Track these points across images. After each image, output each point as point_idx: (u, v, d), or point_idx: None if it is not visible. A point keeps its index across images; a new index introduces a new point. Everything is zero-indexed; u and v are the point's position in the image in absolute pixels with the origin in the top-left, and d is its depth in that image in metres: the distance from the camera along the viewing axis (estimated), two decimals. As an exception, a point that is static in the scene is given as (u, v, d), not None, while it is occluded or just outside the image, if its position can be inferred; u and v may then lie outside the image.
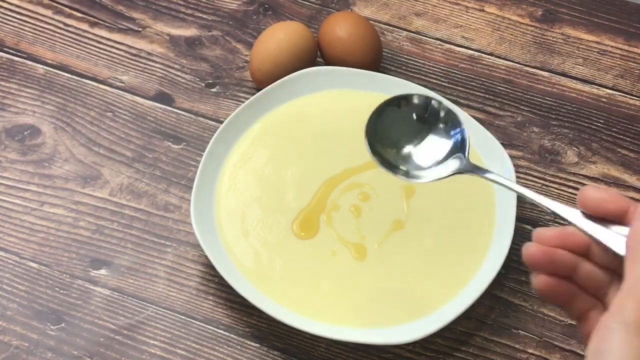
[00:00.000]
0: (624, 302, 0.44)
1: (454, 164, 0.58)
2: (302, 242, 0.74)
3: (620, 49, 0.89)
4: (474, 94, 0.85)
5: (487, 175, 0.56)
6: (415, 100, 0.60)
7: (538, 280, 0.49)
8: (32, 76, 0.84)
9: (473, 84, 0.86)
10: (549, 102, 0.85)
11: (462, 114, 0.59)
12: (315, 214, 0.75)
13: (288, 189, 0.76)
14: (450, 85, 0.86)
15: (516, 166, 0.79)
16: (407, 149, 0.60)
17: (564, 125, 0.84)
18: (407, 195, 0.76)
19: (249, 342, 0.71)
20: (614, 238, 0.49)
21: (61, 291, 0.73)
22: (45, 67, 0.85)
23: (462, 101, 0.84)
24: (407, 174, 0.59)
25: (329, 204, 0.75)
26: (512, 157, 0.78)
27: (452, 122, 0.59)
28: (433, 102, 0.60)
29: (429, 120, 0.60)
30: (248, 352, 0.70)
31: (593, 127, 0.84)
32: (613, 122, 0.84)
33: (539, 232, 0.50)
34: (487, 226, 0.74)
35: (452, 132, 0.59)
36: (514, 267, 0.74)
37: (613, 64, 0.88)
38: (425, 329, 0.69)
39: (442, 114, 0.59)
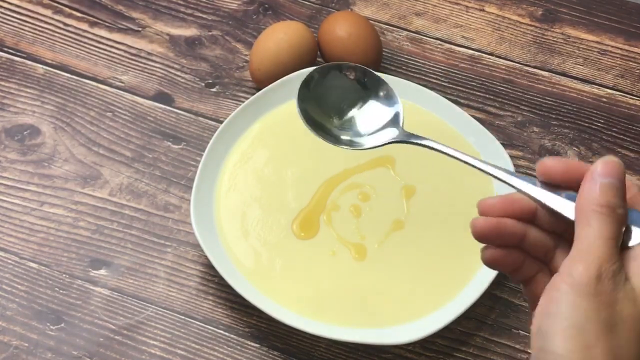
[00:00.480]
0: (573, 263, 0.44)
1: (391, 132, 0.58)
2: (302, 242, 0.74)
3: (621, 49, 0.89)
4: (474, 93, 0.85)
5: (425, 142, 0.55)
6: (349, 71, 0.60)
7: (487, 254, 0.49)
8: (31, 76, 0.84)
9: (473, 83, 0.86)
10: (549, 102, 0.85)
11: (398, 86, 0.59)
12: (315, 214, 0.75)
13: (288, 189, 0.76)
14: (451, 85, 0.86)
15: (516, 166, 0.79)
16: (345, 116, 0.59)
17: (564, 125, 0.84)
18: (407, 195, 0.76)
19: (249, 342, 0.71)
20: (564, 203, 0.48)
21: (61, 291, 0.73)
22: (45, 67, 0.85)
23: (462, 101, 0.84)
24: (342, 141, 0.58)
25: (329, 204, 0.75)
26: (512, 157, 0.78)
27: (390, 95, 0.59)
28: (368, 73, 0.60)
29: (366, 90, 0.60)
30: (248, 352, 0.70)
31: (593, 127, 0.84)
32: (613, 122, 0.84)
33: (483, 203, 0.49)
34: (487, 226, 0.74)
35: (389, 104, 0.59)
36: (514, 267, 0.74)
37: (613, 64, 0.88)
38: (425, 329, 0.69)
39: (379, 86, 0.60)
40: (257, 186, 0.76)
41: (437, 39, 0.89)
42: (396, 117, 0.59)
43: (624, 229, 0.45)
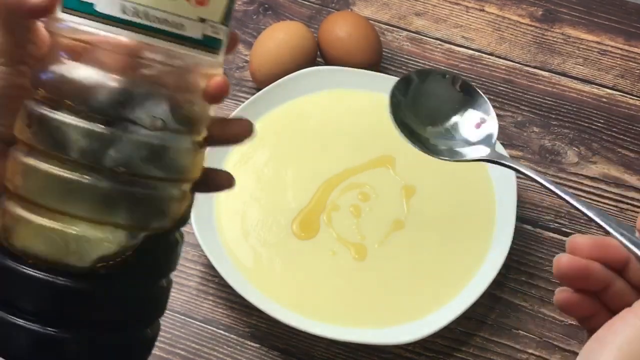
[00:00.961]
0: None
1: (483, 150, 0.55)
2: (302, 242, 0.74)
3: (621, 49, 0.89)
4: (474, 94, 0.85)
5: (519, 168, 0.53)
6: (452, 79, 0.58)
7: (562, 296, 0.46)
8: (32, 76, 0.84)
9: (473, 83, 0.86)
10: (549, 102, 0.85)
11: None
12: (315, 214, 0.75)
13: (288, 189, 0.76)
14: (451, 85, 0.86)
15: (516, 166, 0.79)
16: (439, 124, 0.57)
17: (564, 125, 0.84)
18: (407, 195, 0.76)
19: (249, 342, 0.71)
20: None
21: (61, 291, 0.72)
22: (45, 67, 0.85)
23: (462, 101, 0.84)
24: (430, 149, 0.56)
25: (329, 204, 0.75)
26: (512, 157, 0.78)
27: (485, 110, 0.57)
28: (465, 82, 0.57)
29: (463, 101, 0.57)
30: (248, 352, 0.70)
31: (593, 127, 0.84)
32: (613, 122, 0.84)
33: (574, 241, 0.46)
34: (487, 226, 0.74)
35: (484, 119, 0.57)
36: (514, 267, 0.74)
37: (613, 64, 0.88)
38: (425, 329, 0.69)
39: (475, 98, 0.57)
40: (257, 186, 0.76)
41: (437, 39, 0.89)
42: (490, 135, 0.56)
43: None
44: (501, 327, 0.72)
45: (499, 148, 0.76)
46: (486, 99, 0.58)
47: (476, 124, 0.56)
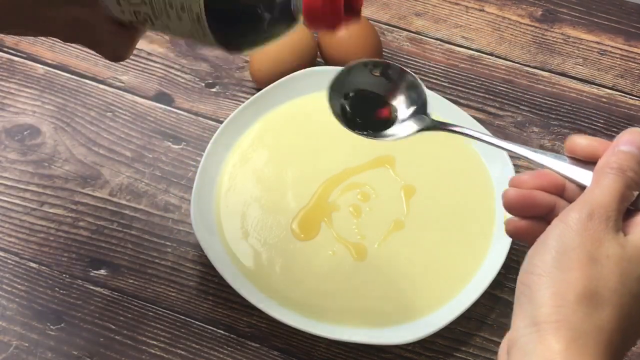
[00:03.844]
0: (570, 208, 0.47)
1: (418, 122, 0.58)
2: (302, 242, 0.74)
3: (620, 49, 0.89)
4: (474, 94, 0.85)
5: (453, 128, 0.57)
6: (375, 66, 0.60)
7: (510, 224, 0.51)
8: (32, 76, 0.84)
9: (473, 84, 0.86)
10: (549, 102, 0.85)
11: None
12: (315, 214, 0.75)
13: (288, 189, 0.76)
14: (450, 85, 0.86)
15: (516, 166, 0.79)
16: (371, 110, 0.60)
17: (564, 125, 0.84)
18: (407, 195, 0.76)
19: (249, 342, 0.71)
20: (588, 175, 0.50)
21: (61, 291, 0.73)
22: (45, 67, 0.85)
23: (462, 101, 0.84)
24: (370, 134, 0.59)
25: (329, 204, 0.75)
26: (512, 157, 0.78)
27: (414, 85, 0.59)
28: (392, 66, 0.60)
29: (390, 83, 0.60)
30: (248, 352, 0.70)
31: (593, 127, 0.84)
32: (613, 122, 0.84)
33: (516, 177, 0.51)
34: (487, 226, 0.74)
35: (413, 95, 0.59)
36: (514, 267, 0.74)
37: (613, 64, 0.88)
38: (425, 329, 0.69)
39: (402, 78, 0.60)
40: (257, 186, 0.76)
41: (437, 39, 0.89)
42: (423, 106, 0.59)
43: (636, 193, 0.48)
44: (501, 327, 0.72)
45: (496, 150, 0.76)
46: (411, 73, 0.60)
47: (406, 101, 0.59)
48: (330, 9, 0.51)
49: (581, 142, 0.50)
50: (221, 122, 0.80)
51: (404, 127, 0.59)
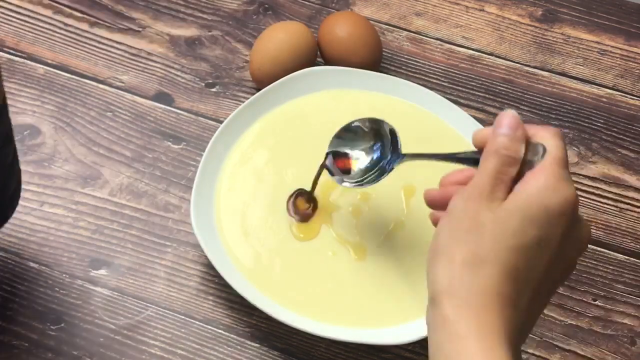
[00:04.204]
0: (455, 196, 0.54)
1: (387, 160, 0.69)
2: (302, 242, 0.74)
3: (621, 49, 0.89)
4: (474, 94, 0.85)
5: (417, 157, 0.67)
6: (353, 125, 0.70)
7: (433, 218, 0.59)
8: (32, 76, 0.84)
9: (473, 83, 0.86)
10: (549, 102, 0.85)
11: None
12: (316, 214, 0.75)
13: (288, 189, 0.76)
14: (450, 85, 0.86)
15: (516, 166, 0.79)
16: (353, 162, 0.70)
17: (564, 125, 0.84)
18: (407, 195, 0.76)
19: (249, 342, 0.71)
20: None
21: (61, 291, 0.73)
22: (45, 67, 0.85)
23: (462, 101, 0.84)
24: (351, 183, 0.69)
25: (329, 204, 0.75)
26: (512, 157, 0.78)
27: (376, 135, 0.69)
28: (356, 123, 0.70)
29: (356, 136, 0.70)
30: (248, 352, 0.70)
31: (593, 127, 0.84)
32: (613, 122, 0.84)
33: (442, 179, 0.60)
34: (487, 226, 0.74)
35: (374, 143, 0.70)
36: (514, 267, 0.74)
37: (613, 64, 0.88)
38: (425, 329, 0.69)
39: (366, 130, 0.70)
40: (257, 186, 0.76)
41: (437, 39, 0.89)
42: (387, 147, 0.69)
43: (516, 165, 0.53)
44: (501, 327, 0.72)
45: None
46: (381, 120, 0.69)
47: (370, 149, 0.70)
48: None
49: (477, 134, 0.57)
50: (221, 122, 0.80)
51: (364, 172, 0.69)
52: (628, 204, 0.80)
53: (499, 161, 0.53)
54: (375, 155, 0.69)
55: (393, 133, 0.68)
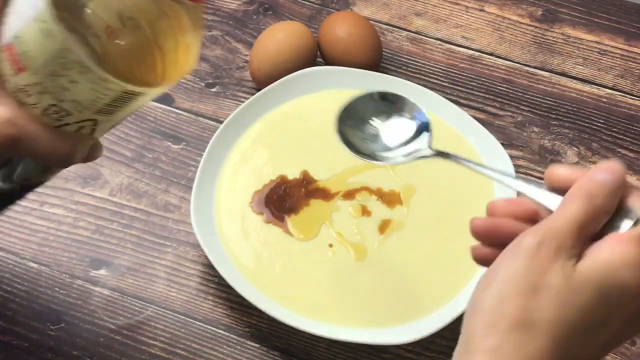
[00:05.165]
0: (522, 236, 0.46)
1: (417, 147, 0.60)
2: (302, 242, 0.74)
3: (621, 49, 0.89)
4: (474, 93, 0.85)
5: (452, 159, 0.58)
6: (380, 95, 0.62)
7: (476, 252, 0.50)
8: (32, 76, 0.84)
9: (473, 84, 0.86)
10: (549, 102, 0.85)
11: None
12: (315, 214, 0.75)
13: (288, 189, 0.76)
14: (451, 85, 0.86)
15: (516, 166, 0.79)
16: (373, 134, 0.61)
17: (564, 125, 0.84)
18: (407, 195, 0.76)
19: (249, 342, 0.71)
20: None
21: (61, 291, 0.73)
22: (45, 67, 0.85)
23: (462, 101, 0.84)
24: (372, 157, 0.60)
25: (329, 204, 0.75)
26: (512, 157, 0.78)
27: (417, 112, 0.61)
28: (395, 95, 0.61)
29: (394, 110, 0.61)
30: (248, 352, 0.70)
31: (593, 127, 0.84)
32: (613, 122, 0.84)
33: (491, 205, 0.51)
34: (487, 226, 0.74)
35: (416, 120, 0.61)
36: (514, 267, 0.74)
37: (613, 64, 0.88)
38: (425, 329, 0.69)
39: (406, 105, 0.61)
40: (257, 186, 0.76)
41: (437, 39, 0.89)
42: (422, 133, 0.60)
43: (603, 221, 0.46)
44: (501, 327, 0.72)
45: (496, 150, 0.76)
46: (409, 100, 0.61)
47: (405, 127, 0.61)
48: None
49: (560, 172, 0.49)
50: (221, 122, 0.80)
51: (400, 151, 0.60)
52: (628, 204, 0.80)
53: (590, 210, 0.46)
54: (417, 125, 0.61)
55: (427, 123, 0.61)
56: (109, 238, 0.75)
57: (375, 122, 0.61)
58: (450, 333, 0.71)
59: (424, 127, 0.60)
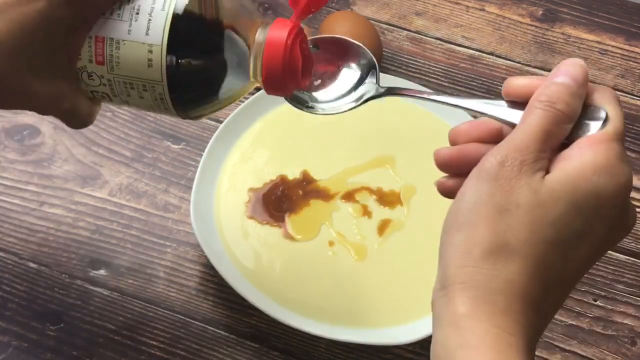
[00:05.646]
0: (484, 158, 0.44)
1: (365, 89, 0.58)
2: (302, 242, 0.73)
3: (621, 49, 0.89)
4: (475, 93, 0.85)
5: (403, 93, 0.56)
6: (324, 41, 0.60)
7: (442, 186, 0.48)
8: (31, 76, 0.84)
9: (473, 83, 0.86)
10: (550, 102, 0.85)
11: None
12: (315, 214, 0.75)
13: (288, 189, 0.76)
14: (451, 85, 0.86)
15: (516, 166, 0.79)
16: (319, 85, 0.59)
17: (565, 125, 0.84)
18: (407, 195, 0.76)
19: (249, 342, 0.71)
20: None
21: (60, 291, 0.72)
22: (44, 67, 0.85)
23: (462, 101, 0.84)
24: (319, 109, 0.59)
25: (329, 204, 0.75)
26: (512, 157, 0.78)
27: (362, 55, 0.59)
28: (340, 39, 0.60)
29: (338, 57, 0.60)
30: (248, 352, 0.70)
31: (593, 127, 0.84)
32: (613, 122, 0.84)
33: (452, 132, 0.48)
34: (487, 226, 0.74)
35: (360, 63, 0.59)
36: (514, 267, 0.74)
37: (614, 64, 0.88)
38: (425, 329, 0.69)
39: (351, 50, 0.60)
40: (257, 186, 0.76)
41: (437, 38, 0.89)
42: (365, 76, 0.59)
43: (568, 128, 0.44)
44: (501, 327, 0.72)
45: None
46: (362, 46, 0.59)
47: (351, 75, 0.59)
48: (290, 77, 0.53)
49: (518, 82, 0.46)
50: (221, 122, 0.80)
51: (352, 96, 0.58)
52: (628, 203, 0.79)
53: (552, 117, 0.43)
54: (358, 75, 0.59)
55: (373, 63, 0.59)
56: (108, 238, 0.75)
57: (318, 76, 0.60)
58: (451, 333, 0.71)
59: (370, 68, 0.59)
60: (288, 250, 0.73)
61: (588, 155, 0.43)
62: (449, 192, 0.47)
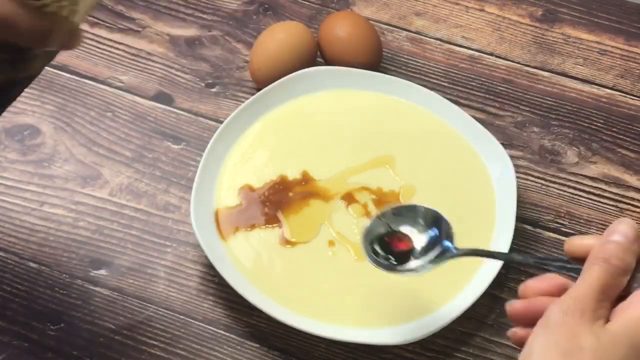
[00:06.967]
0: (550, 310, 0.48)
1: (436, 252, 0.63)
2: (302, 242, 0.73)
3: (621, 49, 0.89)
4: (474, 94, 0.85)
5: (482, 255, 0.65)
6: (398, 210, 0.65)
7: (516, 337, 0.52)
8: (32, 76, 0.84)
9: (473, 84, 0.86)
10: (549, 102, 0.85)
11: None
12: (315, 214, 0.75)
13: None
14: (451, 85, 0.86)
15: (516, 166, 0.79)
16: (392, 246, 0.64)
17: (564, 125, 0.84)
18: (407, 196, 0.76)
19: (249, 342, 0.71)
20: None
21: (61, 291, 0.73)
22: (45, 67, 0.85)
23: (462, 101, 0.84)
24: (399, 270, 0.63)
25: (329, 204, 0.75)
26: (512, 157, 0.78)
27: (432, 217, 0.64)
28: (408, 206, 0.66)
29: (412, 221, 0.65)
30: (248, 352, 0.70)
31: (593, 127, 0.84)
32: (613, 122, 0.84)
33: (522, 287, 0.53)
34: (487, 226, 0.74)
35: (431, 225, 0.64)
36: (514, 267, 0.74)
37: (613, 64, 0.88)
38: (425, 329, 0.69)
39: (420, 212, 0.65)
40: (257, 186, 0.76)
41: (437, 39, 0.89)
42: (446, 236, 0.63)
43: (625, 280, 0.49)
44: (501, 327, 0.72)
45: (496, 149, 0.77)
46: (428, 207, 0.65)
47: (425, 233, 0.64)
48: None
49: (577, 242, 0.52)
50: (221, 122, 0.80)
51: (425, 259, 0.63)
52: (628, 204, 0.80)
53: (608, 272, 0.48)
54: (431, 235, 0.64)
55: (447, 224, 0.64)
56: (109, 238, 0.75)
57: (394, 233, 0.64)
58: (451, 333, 0.71)
59: (440, 225, 0.63)
60: (288, 251, 0.73)
61: None
62: (520, 342, 0.51)
